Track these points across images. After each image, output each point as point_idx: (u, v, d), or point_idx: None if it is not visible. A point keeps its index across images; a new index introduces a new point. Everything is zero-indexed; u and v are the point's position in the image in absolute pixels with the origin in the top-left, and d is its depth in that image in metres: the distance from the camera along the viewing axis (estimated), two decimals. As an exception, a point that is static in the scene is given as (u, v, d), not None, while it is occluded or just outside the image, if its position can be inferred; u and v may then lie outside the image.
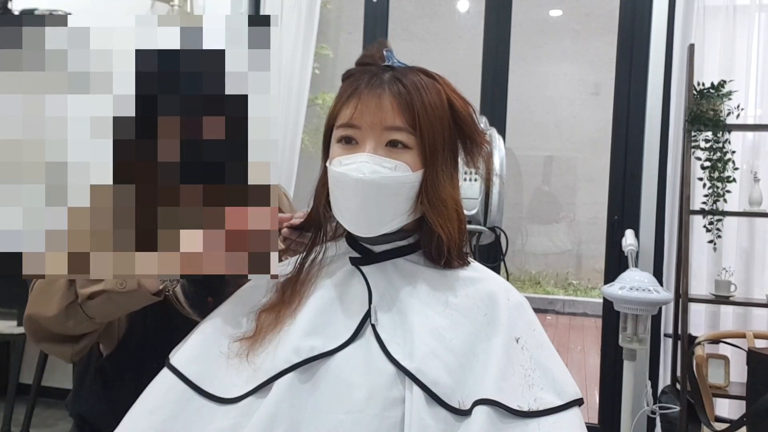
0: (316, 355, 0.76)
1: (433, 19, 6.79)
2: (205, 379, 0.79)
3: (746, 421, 1.74)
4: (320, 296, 0.83)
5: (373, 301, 0.81)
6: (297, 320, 0.81)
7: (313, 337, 0.78)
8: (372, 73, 0.84)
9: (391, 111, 0.80)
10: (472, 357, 0.76)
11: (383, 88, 0.81)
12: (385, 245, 0.86)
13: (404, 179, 0.80)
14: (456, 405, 0.73)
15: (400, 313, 0.80)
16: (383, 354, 0.76)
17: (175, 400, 0.77)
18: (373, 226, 0.82)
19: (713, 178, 2.46)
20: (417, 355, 0.74)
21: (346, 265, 0.87)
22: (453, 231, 0.83)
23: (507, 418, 0.72)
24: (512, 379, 0.75)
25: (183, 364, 0.80)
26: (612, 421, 2.90)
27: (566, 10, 6.82)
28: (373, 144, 0.80)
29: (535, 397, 0.75)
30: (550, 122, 7.00)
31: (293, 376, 0.75)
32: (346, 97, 0.83)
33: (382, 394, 0.73)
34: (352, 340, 0.78)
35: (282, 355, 0.77)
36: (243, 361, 0.80)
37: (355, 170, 0.79)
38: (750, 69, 2.70)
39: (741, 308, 2.69)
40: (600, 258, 3.11)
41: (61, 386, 3.54)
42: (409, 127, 0.81)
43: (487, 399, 0.72)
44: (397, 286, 0.83)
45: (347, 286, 0.84)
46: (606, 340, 2.96)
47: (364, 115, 0.81)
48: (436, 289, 0.83)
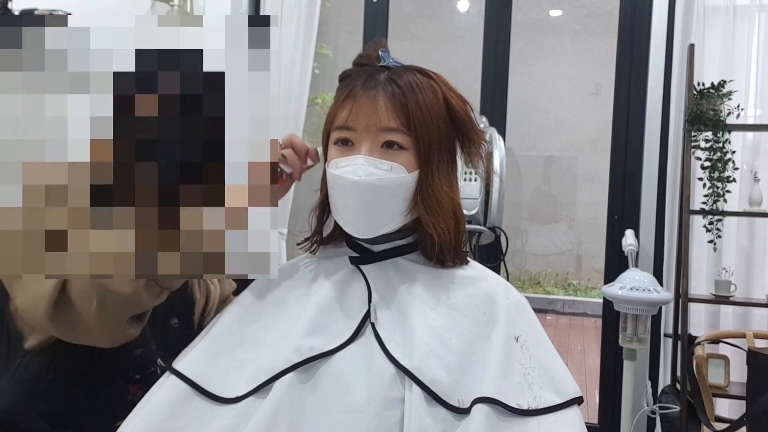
0: (316, 354, 0.77)
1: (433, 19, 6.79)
2: (206, 379, 0.79)
3: (746, 421, 1.74)
4: (320, 296, 0.83)
5: (372, 300, 0.81)
6: (297, 320, 0.81)
7: (314, 337, 0.78)
8: (368, 74, 0.84)
9: (386, 112, 0.80)
10: (472, 356, 0.77)
11: (378, 90, 0.81)
12: (384, 245, 0.86)
13: (400, 180, 0.80)
14: (455, 404, 0.73)
15: (400, 312, 0.80)
16: (383, 353, 0.76)
17: (175, 400, 0.77)
18: (371, 227, 0.82)
19: (713, 178, 2.46)
20: (416, 354, 0.74)
21: (346, 265, 0.87)
22: (446, 230, 0.83)
23: (506, 416, 0.72)
24: (512, 378, 0.75)
25: (184, 365, 0.80)
26: (612, 421, 2.90)
27: (566, 10, 6.83)
28: (368, 146, 0.81)
29: (535, 396, 0.75)
30: (550, 122, 7.00)
31: (293, 375, 0.75)
32: (342, 99, 0.84)
33: (382, 393, 0.73)
34: (352, 339, 0.79)
35: (282, 355, 0.77)
36: (244, 357, 0.80)
37: (351, 173, 0.79)
38: (750, 69, 2.70)
39: (741, 308, 2.70)
40: (600, 258, 3.11)
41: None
42: (404, 128, 0.81)
43: (487, 397, 0.72)
44: (397, 285, 0.83)
45: (347, 286, 0.84)
46: (606, 340, 2.97)
47: (359, 117, 0.81)
48: (435, 288, 0.83)
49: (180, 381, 0.79)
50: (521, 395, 0.74)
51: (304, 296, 0.85)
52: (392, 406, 0.73)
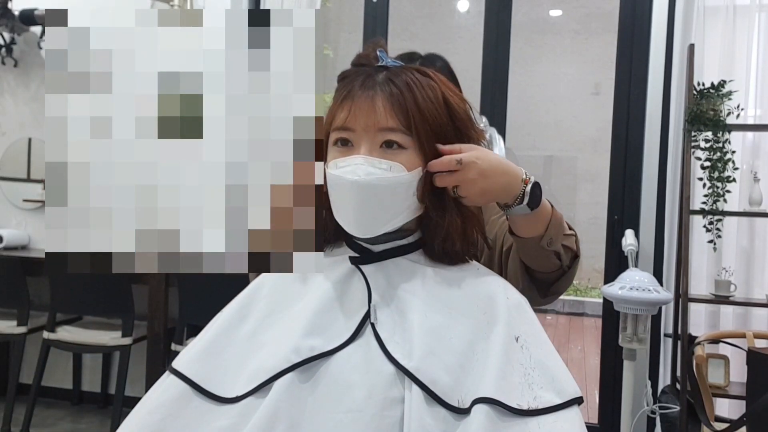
0: (316, 354, 0.77)
1: (433, 18, 6.80)
2: (205, 379, 0.79)
3: (746, 421, 1.74)
4: (320, 296, 0.83)
5: (372, 300, 0.81)
6: (297, 320, 0.81)
7: (313, 337, 0.78)
8: (366, 75, 0.84)
9: (384, 112, 0.80)
10: (472, 356, 0.76)
11: (376, 90, 0.82)
12: (384, 245, 0.86)
13: (399, 179, 0.80)
14: (455, 404, 0.73)
15: (400, 312, 0.80)
16: (383, 353, 0.76)
17: (174, 400, 0.77)
18: (371, 227, 0.82)
19: (713, 178, 2.46)
20: (416, 354, 0.74)
21: (347, 265, 0.87)
22: (456, 220, 0.84)
23: (506, 416, 0.72)
24: (512, 378, 0.75)
25: (184, 365, 0.80)
26: (612, 421, 2.90)
27: (566, 10, 6.83)
28: (367, 146, 0.81)
29: (535, 396, 0.75)
30: (550, 122, 7.01)
31: (293, 375, 0.75)
32: (341, 99, 0.84)
33: (382, 393, 0.73)
34: (352, 339, 0.78)
35: (282, 355, 0.77)
36: (243, 357, 0.80)
37: (350, 172, 0.79)
38: (750, 69, 2.70)
39: (741, 308, 2.70)
40: (600, 258, 3.11)
41: (61, 386, 3.55)
42: (404, 128, 0.81)
43: (487, 398, 0.72)
44: (397, 285, 0.83)
45: (347, 286, 0.84)
46: (606, 340, 2.97)
47: (357, 118, 0.81)
48: (435, 288, 0.83)
49: (180, 381, 0.79)
50: (521, 395, 0.74)
51: (303, 296, 0.85)
52: (392, 406, 0.72)
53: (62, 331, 3.03)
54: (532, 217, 0.87)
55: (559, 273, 0.96)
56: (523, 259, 0.93)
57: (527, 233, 0.89)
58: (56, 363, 3.45)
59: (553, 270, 0.94)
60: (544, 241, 0.89)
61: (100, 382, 3.51)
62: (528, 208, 0.86)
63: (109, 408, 3.28)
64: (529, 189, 0.85)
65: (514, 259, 0.94)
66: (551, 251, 0.91)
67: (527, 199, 0.85)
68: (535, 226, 0.88)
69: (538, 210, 0.86)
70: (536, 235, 0.89)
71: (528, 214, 0.86)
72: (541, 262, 0.93)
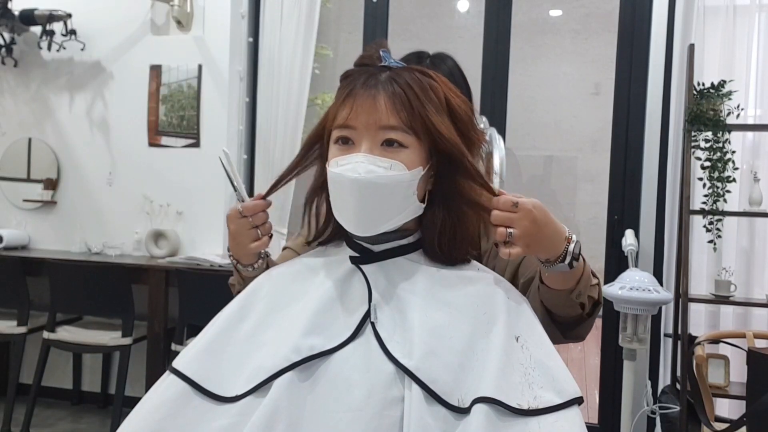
0: (316, 353, 0.77)
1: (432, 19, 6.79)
2: (205, 378, 0.79)
3: (746, 421, 1.74)
4: (320, 295, 0.83)
5: (372, 299, 0.81)
6: (297, 319, 0.81)
7: (313, 336, 0.78)
8: (368, 74, 0.84)
9: (386, 111, 0.81)
10: (472, 355, 0.76)
11: (378, 89, 0.82)
12: (384, 244, 0.86)
13: (400, 178, 0.81)
14: (455, 403, 0.73)
15: (400, 312, 0.80)
16: (383, 353, 0.76)
17: (174, 399, 0.77)
18: (371, 225, 0.82)
19: (713, 178, 2.46)
20: (416, 353, 0.74)
21: (347, 265, 0.87)
22: (456, 221, 0.85)
23: (506, 416, 0.72)
24: (512, 378, 0.75)
25: (184, 364, 0.80)
26: (612, 420, 2.90)
27: (566, 10, 6.82)
28: (368, 144, 0.81)
29: (535, 396, 0.75)
30: (550, 122, 7.00)
31: (293, 374, 0.75)
32: (342, 98, 0.84)
33: (382, 392, 0.73)
34: (351, 338, 0.78)
35: (282, 354, 0.77)
36: (243, 356, 0.80)
37: (351, 170, 0.79)
38: (750, 69, 2.70)
39: (741, 308, 2.70)
40: (600, 258, 3.11)
41: (61, 386, 3.55)
42: (405, 126, 0.81)
43: (487, 397, 0.72)
44: (397, 284, 0.83)
45: (347, 285, 0.84)
46: (606, 340, 2.97)
47: (359, 116, 0.81)
48: (436, 288, 0.83)
49: (180, 380, 0.79)
50: (521, 395, 0.74)
51: (304, 295, 0.85)
52: (392, 405, 0.72)
53: (62, 331, 3.03)
54: (567, 273, 0.87)
55: (579, 319, 0.96)
56: (546, 304, 0.94)
57: (558, 286, 0.89)
58: (56, 363, 3.45)
59: (573, 316, 0.95)
60: (573, 294, 0.90)
61: (100, 382, 3.50)
62: (568, 266, 0.85)
63: (109, 408, 3.28)
64: (572, 248, 0.84)
65: (534, 298, 0.94)
66: (577, 303, 0.92)
67: (569, 259, 0.84)
68: (568, 281, 0.88)
69: (575, 268, 0.86)
70: (566, 288, 0.89)
71: (566, 271, 0.86)
72: (564, 310, 0.94)
